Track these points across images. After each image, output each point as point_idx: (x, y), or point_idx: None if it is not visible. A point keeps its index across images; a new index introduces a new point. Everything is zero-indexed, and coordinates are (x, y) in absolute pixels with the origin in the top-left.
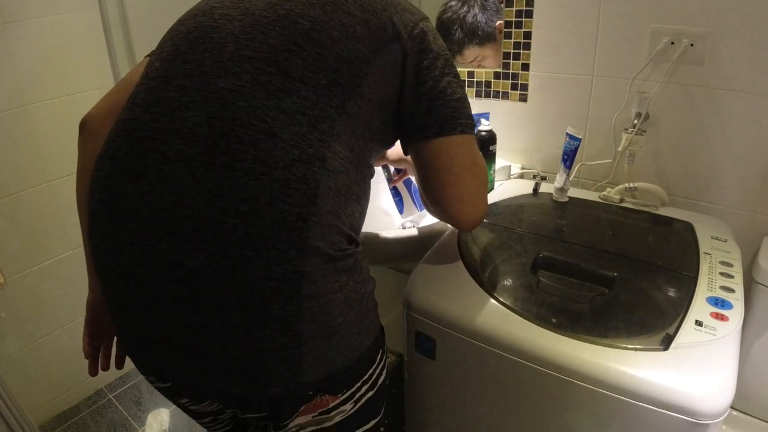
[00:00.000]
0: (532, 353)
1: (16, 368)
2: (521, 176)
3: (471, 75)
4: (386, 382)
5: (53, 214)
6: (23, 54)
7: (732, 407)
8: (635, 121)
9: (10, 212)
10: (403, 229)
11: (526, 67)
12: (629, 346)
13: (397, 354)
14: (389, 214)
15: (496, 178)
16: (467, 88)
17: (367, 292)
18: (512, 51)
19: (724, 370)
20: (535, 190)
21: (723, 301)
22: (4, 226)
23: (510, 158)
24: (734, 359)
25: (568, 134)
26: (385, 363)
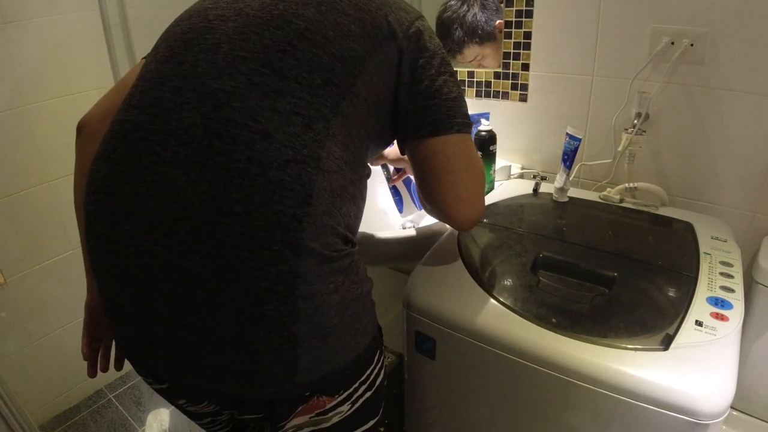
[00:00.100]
0: (532, 353)
1: (16, 368)
2: (521, 176)
3: (471, 75)
4: (384, 383)
5: (53, 214)
6: (23, 54)
7: (732, 407)
8: (635, 121)
9: (10, 212)
10: (403, 229)
11: (526, 67)
12: (629, 346)
13: (397, 354)
14: (388, 214)
15: (496, 178)
16: (467, 87)
17: (363, 292)
18: (512, 51)
19: (724, 370)
20: (535, 190)
21: (723, 301)
22: (4, 226)
23: (510, 158)
24: (734, 359)
25: (568, 134)
26: (383, 363)
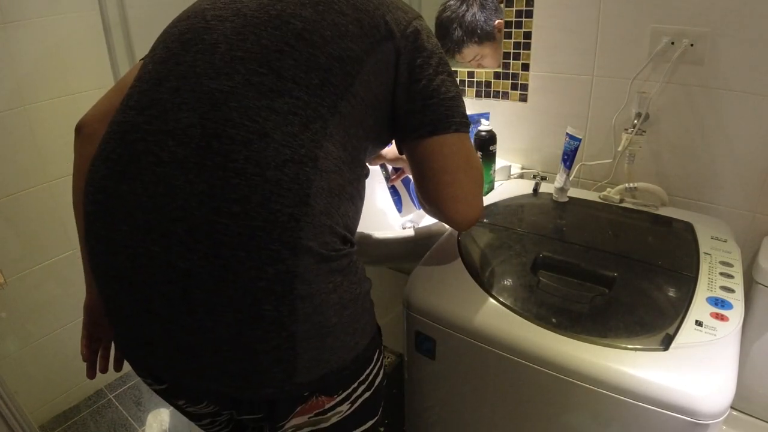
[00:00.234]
0: (532, 353)
1: (16, 368)
2: (521, 176)
3: (471, 75)
4: (383, 383)
5: (53, 214)
6: (23, 54)
7: (732, 407)
8: (635, 121)
9: (10, 212)
10: (403, 229)
11: (526, 67)
12: (629, 346)
13: (397, 354)
14: (388, 214)
15: (496, 178)
16: (467, 87)
17: (362, 292)
18: (512, 51)
19: (724, 370)
20: (535, 190)
21: (723, 301)
22: (4, 226)
23: (510, 158)
24: (734, 359)
25: (568, 134)
26: (383, 363)
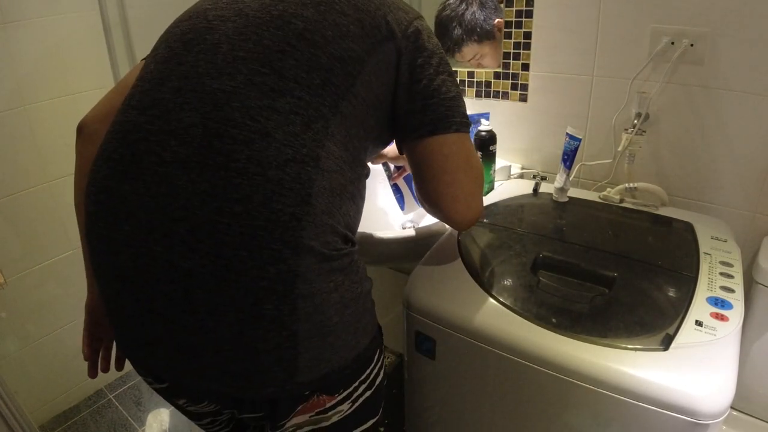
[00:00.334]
0: (532, 353)
1: (16, 368)
2: (521, 176)
3: (471, 75)
4: (384, 382)
5: (53, 214)
6: (23, 54)
7: (732, 407)
8: (635, 121)
9: (10, 212)
10: (403, 229)
11: (526, 67)
12: (629, 346)
13: (397, 354)
14: (389, 214)
15: (496, 178)
16: (467, 87)
17: (363, 291)
18: (512, 51)
19: (724, 370)
20: (535, 190)
21: (723, 301)
22: (4, 226)
23: (510, 158)
24: (734, 359)
25: (568, 134)
26: (383, 363)
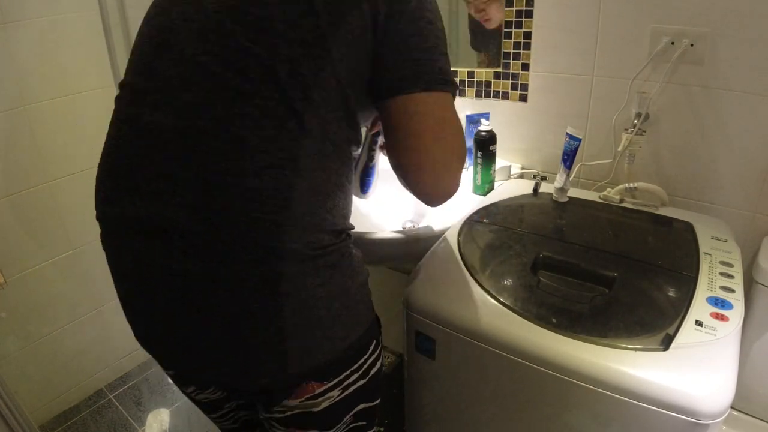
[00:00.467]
0: (532, 353)
1: (16, 368)
2: (521, 176)
3: (471, 75)
4: (381, 372)
5: (53, 214)
6: (23, 54)
7: (732, 407)
8: (635, 121)
9: (10, 212)
10: (403, 229)
11: (526, 67)
12: (629, 346)
13: (397, 354)
14: (389, 214)
15: (496, 178)
16: (467, 87)
17: (355, 284)
18: (512, 51)
19: (724, 370)
20: (535, 190)
21: (723, 301)
22: (4, 226)
23: (510, 158)
24: (734, 359)
25: (568, 134)
26: (380, 353)
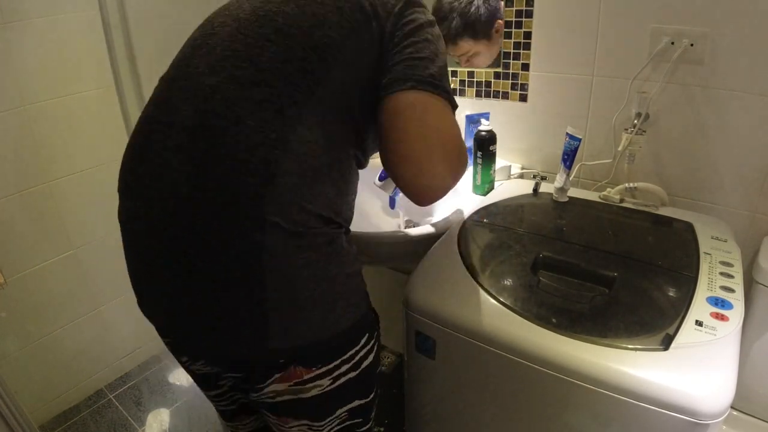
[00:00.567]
0: (532, 353)
1: (16, 368)
2: (521, 176)
3: (471, 75)
4: (376, 368)
5: (53, 214)
6: (23, 54)
7: (732, 407)
8: (635, 121)
9: (10, 212)
10: (403, 229)
11: (526, 67)
12: (629, 346)
13: (397, 354)
14: (389, 214)
15: (496, 178)
16: (467, 87)
17: (343, 273)
18: (512, 51)
19: (724, 370)
20: (535, 190)
21: (723, 301)
22: (4, 226)
23: (510, 158)
24: (734, 359)
25: (568, 134)
26: (375, 348)
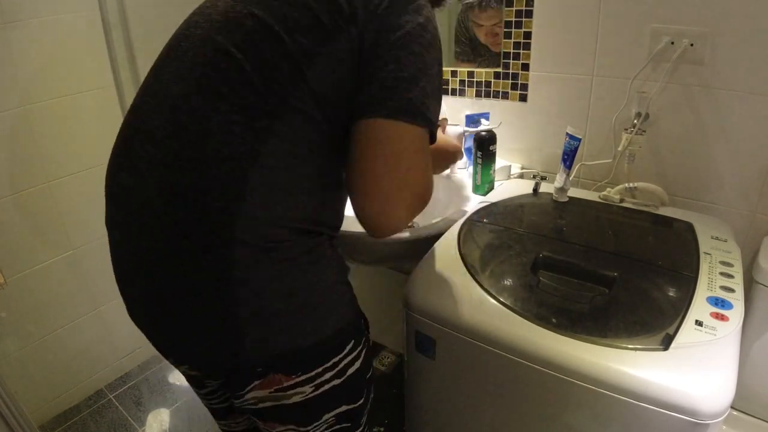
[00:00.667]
0: (532, 353)
1: (16, 368)
2: (521, 176)
3: (471, 75)
4: (363, 373)
5: (53, 214)
6: (23, 54)
7: (732, 407)
8: (635, 121)
9: (10, 212)
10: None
11: (526, 67)
12: (629, 346)
13: (397, 354)
14: None
15: (496, 178)
16: (467, 87)
17: (322, 281)
18: (512, 51)
19: (724, 370)
20: (535, 190)
21: (723, 301)
22: (4, 226)
23: (510, 158)
24: (734, 359)
25: (568, 134)
26: (363, 355)
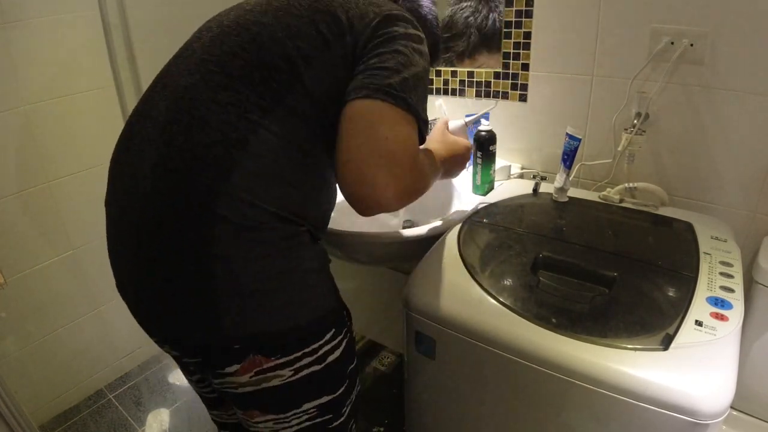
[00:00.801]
0: (532, 353)
1: (16, 368)
2: (521, 176)
3: (471, 75)
4: (347, 364)
5: (53, 214)
6: (23, 54)
7: (732, 407)
8: (635, 121)
9: (10, 212)
10: (403, 229)
11: (526, 67)
12: (629, 346)
13: (397, 354)
14: (389, 214)
15: (496, 178)
16: (467, 87)
17: (300, 268)
18: (512, 51)
19: (724, 370)
20: (535, 190)
21: (723, 301)
22: (4, 227)
23: (510, 158)
24: (734, 359)
25: (568, 134)
26: (343, 344)
